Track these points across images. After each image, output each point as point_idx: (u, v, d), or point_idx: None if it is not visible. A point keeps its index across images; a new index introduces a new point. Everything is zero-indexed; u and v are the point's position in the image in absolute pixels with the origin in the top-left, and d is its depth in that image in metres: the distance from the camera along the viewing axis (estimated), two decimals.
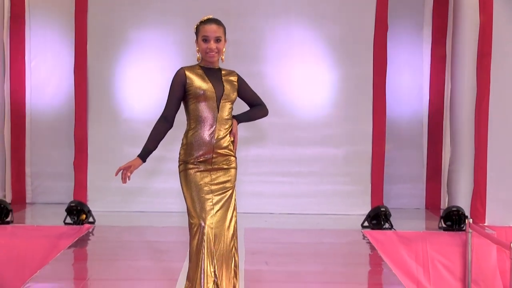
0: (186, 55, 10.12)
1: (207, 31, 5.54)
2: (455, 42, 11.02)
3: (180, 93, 5.58)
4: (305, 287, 7.25)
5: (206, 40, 5.55)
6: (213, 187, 5.55)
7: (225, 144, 5.59)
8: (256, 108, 5.88)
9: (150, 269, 7.83)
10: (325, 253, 8.87)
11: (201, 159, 5.54)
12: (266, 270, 7.79)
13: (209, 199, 5.49)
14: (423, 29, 11.58)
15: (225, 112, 5.58)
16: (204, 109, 5.54)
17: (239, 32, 10.36)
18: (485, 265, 9.14)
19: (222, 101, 5.56)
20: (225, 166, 5.61)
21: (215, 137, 5.54)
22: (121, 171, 5.51)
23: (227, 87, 5.60)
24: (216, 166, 5.58)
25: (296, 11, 11.12)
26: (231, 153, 5.64)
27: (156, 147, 5.61)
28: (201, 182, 5.53)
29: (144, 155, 5.57)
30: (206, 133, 5.54)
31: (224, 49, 5.64)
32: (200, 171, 5.55)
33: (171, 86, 5.59)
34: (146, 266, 7.96)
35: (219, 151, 5.56)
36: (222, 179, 5.59)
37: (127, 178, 5.50)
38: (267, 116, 5.98)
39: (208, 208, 5.44)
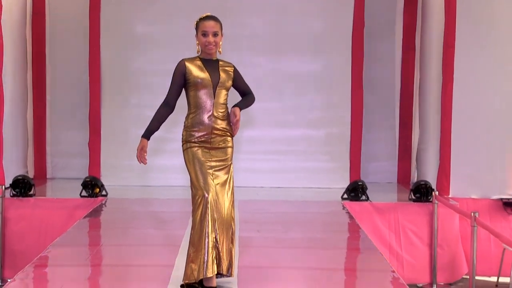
0: (188, 47, 10.02)
1: (206, 26, 5.54)
2: (423, 36, 11.01)
3: (180, 81, 5.57)
4: (292, 252, 7.24)
5: (205, 34, 5.55)
6: (213, 164, 5.55)
7: (221, 126, 5.57)
8: (248, 97, 5.85)
9: (156, 236, 7.83)
10: (309, 221, 8.88)
11: (201, 139, 5.54)
12: (258, 237, 7.78)
13: (210, 173, 5.49)
14: (395, 25, 11.55)
15: (221, 98, 5.57)
16: (203, 96, 5.53)
17: (234, 27, 10.31)
18: (449, 232, 9.17)
19: (218, 89, 5.56)
20: (223, 145, 5.61)
21: (213, 119, 5.53)
22: (138, 157, 5.57)
23: (222, 76, 5.59)
24: (215, 145, 5.57)
25: (283, 9, 11.11)
26: (228, 133, 5.63)
27: (158, 128, 5.63)
28: (203, 159, 5.53)
29: (147, 135, 5.58)
30: (205, 116, 5.53)
31: (221, 43, 5.64)
32: (201, 149, 5.55)
33: (173, 75, 5.59)
34: (153, 234, 7.96)
35: (216, 132, 5.55)
36: (220, 156, 5.59)
37: (145, 159, 5.54)
38: (256, 102, 5.98)
39: (209, 181, 5.45)
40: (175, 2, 11.01)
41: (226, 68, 5.66)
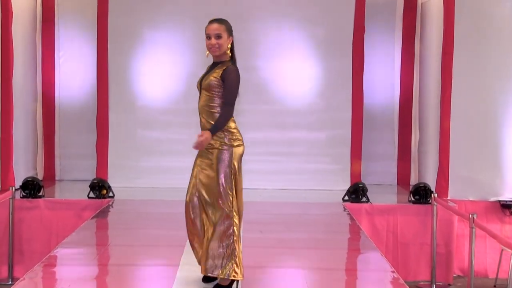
0: (195, 51, 10.18)
1: (209, 29, 5.51)
2: (422, 42, 11.04)
3: None
4: (294, 252, 7.23)
5: (208, 37, 5.50)
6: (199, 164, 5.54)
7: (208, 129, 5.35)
8: (219, 116, 5.39)
9: (161, 237, 7.81)
10: (311, 222, 8.86)
11: None
12: (261, 237, 7.76)
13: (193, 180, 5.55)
14: (394, 31, 11.51)
15: (204, 101, 5.44)
16: (198, 99, 5.52)
17: (238, 32, 10.26)
18: (447, 232, 9.13)
19: (202, 92, 5.48)
20: (210, 147, 5.40)
21: (201, 126, 5.47)
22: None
23: (208, 77, 5.43)
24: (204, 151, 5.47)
25: (286, 15, 11.09)
26: (218, 137, 5.39)
27: None
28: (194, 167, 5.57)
29: None
30: (200, 119, 5.53)
31: (228, 45, 5.54)
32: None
33: None
34: (159, 234, 7.94)
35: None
36: (207, 156, 5.47)
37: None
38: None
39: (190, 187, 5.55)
40: (182, 7, 11.01)
41: (218, 70, 5.47)
